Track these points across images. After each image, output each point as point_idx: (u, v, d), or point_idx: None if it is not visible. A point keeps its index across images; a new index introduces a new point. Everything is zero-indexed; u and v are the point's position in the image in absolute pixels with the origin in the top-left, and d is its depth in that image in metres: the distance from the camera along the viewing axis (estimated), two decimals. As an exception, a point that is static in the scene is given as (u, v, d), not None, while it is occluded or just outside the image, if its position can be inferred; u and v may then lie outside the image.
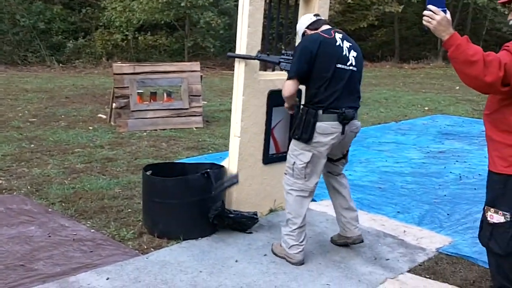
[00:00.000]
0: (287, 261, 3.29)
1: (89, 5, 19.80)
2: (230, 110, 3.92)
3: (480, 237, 2.68)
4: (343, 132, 3.14)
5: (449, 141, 7.30)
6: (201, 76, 8.02)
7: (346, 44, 3.16)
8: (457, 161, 6.18)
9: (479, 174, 5.47)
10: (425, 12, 2.37)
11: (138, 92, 7.52)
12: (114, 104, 7.43)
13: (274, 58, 3.67)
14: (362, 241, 3.50)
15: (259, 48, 3.73)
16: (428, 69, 20.33)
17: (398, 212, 4.39)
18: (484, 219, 2.62)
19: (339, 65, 3.09)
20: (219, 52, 19.74)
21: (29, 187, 4.64)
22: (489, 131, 2.59)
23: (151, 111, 7.49)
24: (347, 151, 3.47)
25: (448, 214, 4.33)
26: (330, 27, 3.27)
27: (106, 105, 9.28)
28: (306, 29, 3.30)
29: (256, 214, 3.74)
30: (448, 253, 3.54)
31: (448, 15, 2.37)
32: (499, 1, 2.66)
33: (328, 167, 3.44)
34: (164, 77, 7.66)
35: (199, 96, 7.81)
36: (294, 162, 3.23)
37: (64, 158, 5.69)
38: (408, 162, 6.11)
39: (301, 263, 3.27)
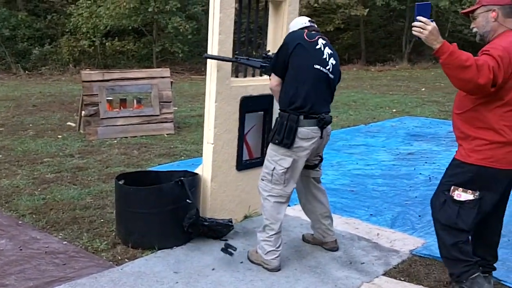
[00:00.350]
0: (263, 267, 3.30)
1: (54, 11, 19.48)
2: (201, 116, 3.93)
3: (442, 217, 2.81)
4: (321, 136, 3.22)
5: (418, 143, 7.44)
6: (171, 82, 7.97)
7: (327, 51, 3.21)
8: (426, 162, 6.32)
9: (448, 175, 5.61)
10: (416, 23, 2.51)
11: (107, 99, 7.43)
12: (83, 112, 7.32)
13: (255, 62, 3.66)
14: (338, 249, 3.61)
15: (230, 54, 3.74)
16: (394, 71, 20.71)
17: (371, 215, 4.46)
18: (448, 199, 2.77)
19: (317, 66, 3.12)
20: (187, 57, 19.69)
21: (-3, 199, 4.54)
22: (463, 128, 2.74)
23: (121, 118, 7.41)
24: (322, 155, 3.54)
25: (419, 216, 4.42)
26: (316, 33, 3.29)
27: (75, 113, 9.13)
28: (300, 29, 3.33)
29: (231, 221, 3.74)
30: (421, 255, 3.61)
31: (434, 24, 2.50)
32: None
33: (309, 173, 3.49)
34: (134, 84, 7.58)
35: (170, 102, 7.77)
36: (274, 168, 3.22)
37: (33, 168, 5.57)
38: (378, 164, 6.21)
39: (277, 269, 3.29)
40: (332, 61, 3.21)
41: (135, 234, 3.53)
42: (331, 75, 3.21)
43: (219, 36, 3.64)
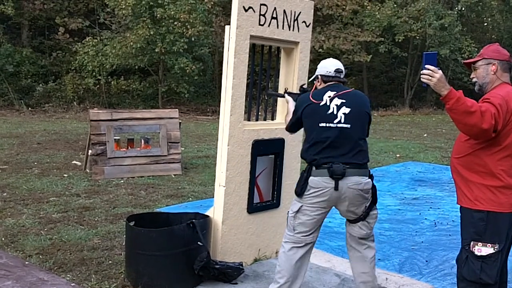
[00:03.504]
0: None
1: (59, 48, 19.76)
2: (208, 157, 3.96)
3: (466, 273, 2.80)
4: (336, 188, 3.11)
5: (422, 188, 7.46)
6: (180, 122, 8.05)
7: (336, 102, 3.20)
8: (431, 207, 6.32)
9: (453, 221, 5.61)
10: (424, 71, 2.66)
11: (115, 139, 7.47)
12: (90, 151, 7.35)
13: (294, 94, 3.75)
14: None
15: (244, 98, 3.81)
16: (396, 116, 20.93)
17: (378, 259, 4.42)
18: (469, 255, 2.78)
19: (322, 124, 3.18)
20: (193, 98, 19.90)
21: (3, 238, 4.49)
22: (463, 173, 2.83)
23: (128, 158, 7.43)
24: (365, 213, 3.24)
25: (426, 261, 4.41)
26: (330, 87, 3.31)
27: (80, 152, 9.17)
28: (319, 75, 3.42)
29: (241, 265, 3.71)
30: (430, 301, 3.58)
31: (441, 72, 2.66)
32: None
33: (348, 227, 3.36)
34: (142, 124, 7.65)
35: (178, 143, 7.82)
36: (288, 212, 3.31)
37: (39, 207, 5.55)
38: (384, 208, 6.20)
39: None
40: (344, 110, 3.18)
41: (145, 277, 3.49)
42: (344, 125, 3.15)
43: (233, 80, 3.72)
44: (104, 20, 19.28)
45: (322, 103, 3.21)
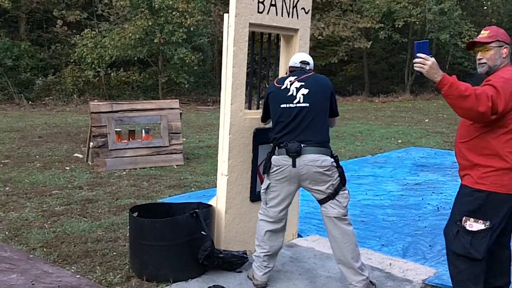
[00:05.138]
0: (253, 283, 3.49)
1: (58, 41, 19.68)
2: (210, 147, 3.96)
3: (456, 247, 2.87)
4: (294, 165, 3.30)
5: (424, 173, 7.46)
6: (181, 113, 8.03)
7: (296, 85, 3.44)
8: (433, 192, 6.32)
9: (455, 205, 5.61)
10: (416, 60, 2.71)
11: (116, 131, 7.46)
12: (91, 143, 7.34)
13: None
14: None
15: (244, 87, 3.80)
16: (397, 102, 20.88)
17: (382, 245, 4.45)
18: (460, 229, 2.85)
19: (282, 105, 3.42)
20: (193, 88, 19.85)
21: (7, 232, 4.50)
22: (469, 156, 2.85)
23: (130, 149, 7.43)
24: (333, 191, 3.33)
25: (430, 246, 4.42)
26: (292, 73, 3.55)
27: (81, 144, 9.17)
28: (288, 67, 3.68)
29: (245, 253, 3.72)
30: (434, 284, 3.61)
31: (434, 59, 2.69)
32: (475, 40, 2.97)
33: (321, 209, 3.44)
34: (143, 115, 7.63)
35: (179, 133, 7.80)
36: (260, 189, 3.62)
37: (41, 201, 5.55)
38: (387, 194, 6.21)
39: (263, 285, 3.46)
40: (302, 91, 3.40)
41: (149, 267, 3.50)
42: (303, 105, 3.37)
43: (233, 69, 3.70)
44: (102, 11, 19.19)
45: (283, 87, 3.47)
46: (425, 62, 2.67)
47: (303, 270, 3.80)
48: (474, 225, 2.80)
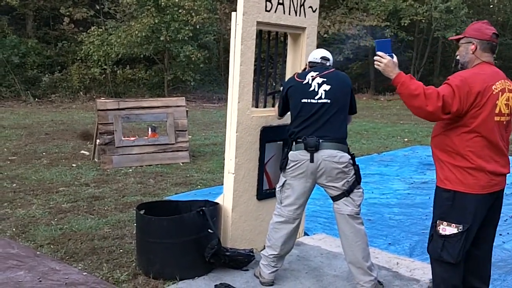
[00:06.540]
0: (260, 281, 3.48)
1: (65, 39, 19.74)
2: (216, 144, 3.96)
3: (430, 250, 2.91)
4: (312, 160, 3.28)
5: (430, 172, 7.41)
6: (187, 111, 8.03)
7: (318, 81, 3.42)
8: (440, 191, 6.30)
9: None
10: (375, 57, 2.86)
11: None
12: (98, 141, 7.36)
13: None
14: None
15: (251, 85, 3.79)
16: (403, 100, 20.78)
17: (389, 244, 4.43)
18: (434, 233, 2.86)
19: (304, 100, 3.40)
20: (199, 85, 19.86)
21: (14, 229, 4.52)
22: (436, 152, 2.90)
23: (136, 147, 7.44)
24: (348, 188, 3.33)
25: (437, 245, 4.40)
26: (313, 68, 3.53)
27: (88, 141, 9.19)
28: (308, 62, 3.67)
29: (252, 251, 3.72)
30: (441, 284, 3.58)
31: (395, 58, 2.83)
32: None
33: (334, 207, 3.42)
34: (149, 113, 7.65)
35: (185, 131, 7.81)
36: (275, 186, 3.57)
37: (48, 198, 5.57)
38: (393, 193, 6.19)
39: (270, 283, 3.46)
40: (324, 87, 3.39)
41: (156, 265, 3.50)
42: (325, 100, 3.36)
43: (240, 67, 3.70)
44: (109, 9, 19.22)
45: (305, 81, 3.45)
46: (381, 60, 2.81)
47: (309, 268, 3.79)
48: (447, 229, 2.80)
